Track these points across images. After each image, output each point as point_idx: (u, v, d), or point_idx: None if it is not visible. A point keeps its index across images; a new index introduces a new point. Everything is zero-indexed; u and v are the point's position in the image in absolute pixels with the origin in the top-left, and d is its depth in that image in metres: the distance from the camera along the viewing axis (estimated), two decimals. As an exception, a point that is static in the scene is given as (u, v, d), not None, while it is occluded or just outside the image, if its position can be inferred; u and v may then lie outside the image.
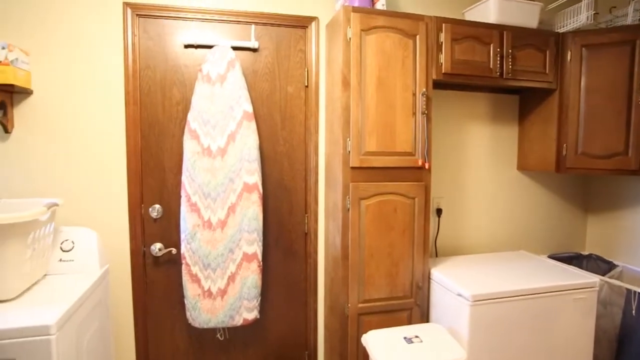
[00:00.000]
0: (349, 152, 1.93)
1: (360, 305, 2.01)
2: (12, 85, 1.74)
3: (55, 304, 1.46)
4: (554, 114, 2.32)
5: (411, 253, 2.06)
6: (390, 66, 1.95)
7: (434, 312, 2.12)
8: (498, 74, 2.13)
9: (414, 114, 1.99)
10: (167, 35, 2.04)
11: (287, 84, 2.19)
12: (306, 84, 2.21)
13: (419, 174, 2.05)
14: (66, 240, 1.82)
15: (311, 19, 2.18)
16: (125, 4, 1.98)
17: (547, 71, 2.23)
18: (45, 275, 1.76)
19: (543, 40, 2.21)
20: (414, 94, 1.99)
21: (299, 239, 2.27)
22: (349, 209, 1.95)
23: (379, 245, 2.00)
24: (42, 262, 1.68)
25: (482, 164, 2.56)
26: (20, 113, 1.92)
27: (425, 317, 2.12)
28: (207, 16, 2.06)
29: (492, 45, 2.11)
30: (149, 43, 2.02)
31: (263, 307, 2.22)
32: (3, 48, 1.71)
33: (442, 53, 2.03)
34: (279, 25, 2.16)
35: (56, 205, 1.68)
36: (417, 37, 1.98)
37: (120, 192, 2.03)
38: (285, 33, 2.17)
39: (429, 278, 2.14)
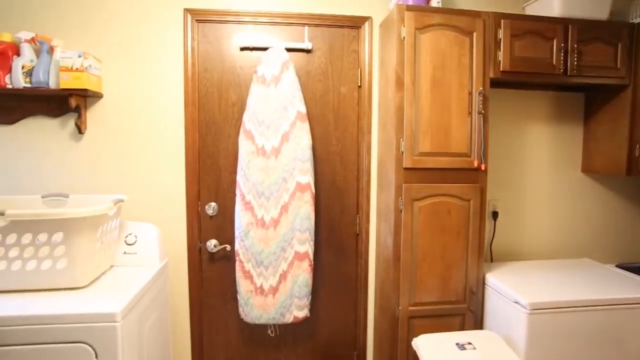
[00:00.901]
0: (402, 152, 1.91)
1: (411, 308, 1.98)
2: (86, 90, 1.87)
3: (120, 293, 1.56)
4: (626, 111, 2.16)
5: (465, 257, 2.00)
6: (446, 65, 1.90)
7: (488, 319, 2.04)
8: (561, 70, 2.01)
9: (470, 113, 1.94)
10: (224, 39, 2.11)
11: (340, 85, 2.20)
12: (359, 84, 2.21)
13: (474, 175, 1.98)
14: (130, 234, 1.94)
15: (364, 18, 2.18)
16: (186, 11, 2.07)
17: (618, 66, 2.09)
18: (112, 266, 1.88)
19: (614, 32, 2.07)
20: (470, 94, 1.93)
21: (350, 239, 2.27)
22: (401, 210, 1.93)
23: (432, 248, 1.96)
24: (108, 254, 1.80)
25: (542, 165, 2.44)
26: (92, 115, 2.06)
27: (478, 324, 2.05)
28: (262, 19, 2.11)
29: (555, 40, 2.00)
30: (207, 47, 2.10)
31: (313, 306, 2.24)
32: (79, 56, 1.84)
33: (500, 50, 1.96)
34: (332, 26, 2.17)
35: (122, 201, 1.79)
36: (474, 34, 1.92)
37: (179, 190, 2.13)
38: (338, 34, 2.18)
39: (484, 283, 2.07)
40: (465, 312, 2.03)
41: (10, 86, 1.87)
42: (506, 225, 2.43)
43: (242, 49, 2.12)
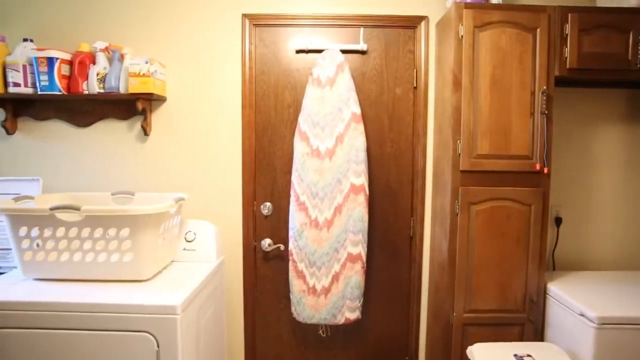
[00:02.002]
0: (459, 154, 1.86)
1: (466, 315, 1.91)
2: (151, 94, 1.99)
3: (180, 287, 1.63)
4: None
5: (525, 264, 1.91)
6: (506, 64, 1.83)
7: (549, 331, 1.94)
8: (638, 66, 1.87)
9: (532, 114, 1.85)
10: (280, 42, 2.16)
11: (395, 86, 2.17)
12: (415, 85, 2.17)
13: (536, 179, 1.89)
14: (190, 231, 2.02)
15: (420, 18, 2.14)
16: (244, 16, 2.14)
17: None
18: (172, 261, 1.97)
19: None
20: (533, 93, 1.84)
21: (403, 242, 2.24)
22: (457, 214, 1.88)
23: (489, 254, 1.89)
24: (170, 250, 1.89)
25: (611, 169, 2.27)
26: (157, 118, 2.18)
27: (539, 336, 1.95)
28: (318, 22, 2.13)
29: (631, 33, 1.85)
30: (264, 50, 2.16)
31: (365, 308, 2.22)
32: (146, 62, 1.96)
33: (567, 46, 1.85)
34: (387, 26, 2.15)
35: (183, 199, 1.87)
36: (538, 30, 1.83)
37: (236, 190, 2.20)
38: (393, 34, 2.16)
39: (545, 293, 1.96)
40: (525, 322, 1.93)
41: (86, 92, 2.02)
42: (570, 232, 2.29)
43: (298, 51, 2.15)
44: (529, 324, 1.93)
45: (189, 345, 1.56)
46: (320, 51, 2.11)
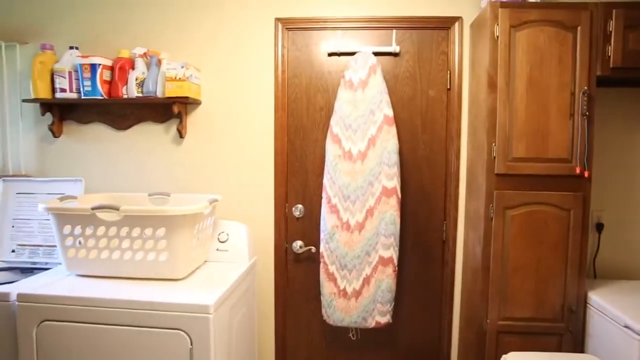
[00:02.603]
0: (494, 157, 1.81)
1: (501, 322, 1.86)
2: (187, 97, 2.04)
3: (213, 287, 1.66)
4: None
5: (563, 271, 1.84)
6: (544, 64, 1.78)
7: (590, 343, 1.86)
8: (687, 65, 1.77)
9: (572, 115, 1.78)
10: (313, 45, 2.17)
11: (428, 88, 2.15)
12: (448, 87, 2.14)
13: (575, 183, 1.82)
14: (222, 232, 2.06)
15: (454, 19, 2.11)
16: (277, 20, 2.16)
17: None
18: (205, 261, 2.01)
19: None
20: (572, 94, 1.78)
21: (436, 246, 2.21)
22: (492, 218, 1.83)
23: (525, 260, 1.84)
24: (203, 250, 1.93)
25: (660, 173, 2.16)
26: (192, 121, 2.24)
27: (579, 347, 1.87)
28: (350, 24, 2.14)
29: (680, 31, 1.76)
30: (296, 54, 2.18)
31: (396, 312, 2.20)
32: (182, 67, 2.02)
33: (610, 44, 1.78)
34: (420, 28, 2.13)
35: (216, 200, 1.91)
36: (578, 28, 1.76)
37: (268, 192, 2.23)
38: (427, 36, 2.14)
39: (585, 302, 1.88)
40: (563, 333, 1.86)
41: (126, 96, 2.09)
42: (613, 239, 2.19)
43: (330, 54, 2.16)
44: (568, 334, 1.86)
45: (221, 345, 1.59)
46: (352, 54, 2.11)
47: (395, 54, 2.14)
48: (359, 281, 2.05)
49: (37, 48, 2.21)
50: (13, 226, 2.11)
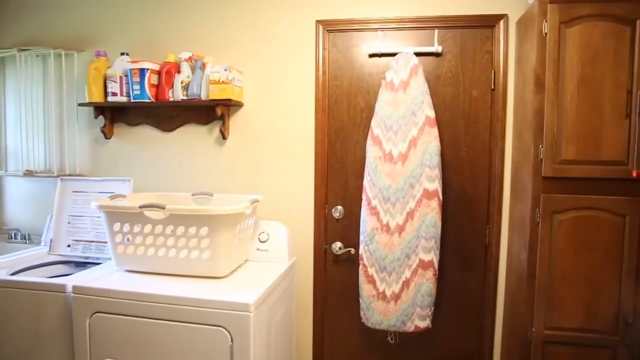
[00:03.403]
0: (541, 160, 1.74)
1: (547, 331, 1.79)
2: (229, 100, 2.09)
3: (254, 286, 1.69)
4: None
5: (617, 280, 1.74)
6: (597, 61, 1.69)
7: (648, 356, 1.75)
8: None
9: (628, 115, 1.69)
10: (353, 47, 2.17)
11: (471, 88, 2.10)
12: (492, 87, 2.08)
13: (632, 187, 1.72)
14: (263, 232, 2.10)
15: (499, 17, 2.05)
16: (318, 22, 2.18)
17: None
18: (246, 260, 2.05)
19: None
20: (629, 92, 1.68)
21: (478, 250, 2.15)
22: (538, 223, 1.76)
23: (574, 267, 1.75)
24: (244, 249, 1.97)
25: None
26: (234, 123, 2.29)
27: (635, 361, 1.77)
28: (391, 25, 2.12)
29: None
30: (337, 55, 2.18)
31: (436, 317, 2.16)
32: (225, 70, 2.07)
33: (673, 39, 1.67)
34: (463, 27, 2.08)
35: (257, 201, 1.95)
36: (638, 22, 1.66)
37: (308, 193, 2.24)
38: (470, 35, 2.08)
39: (643, 313, 1.78)
40: (617, 346, 1.76)
41: (172, 99, 2.17)
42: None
43: (371, 55, 2.15)
44: (623, 348, 1.76)
45: (260, 343, 1.62)
46: (393, 54, 2.09)
47: (437, 54, 2.10)
48: (398, 284, 2.02)
49: (92, 55, 2.34)
50: (69, 222, 2.24)
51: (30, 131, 2.53)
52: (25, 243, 2.55)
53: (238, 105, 2.25)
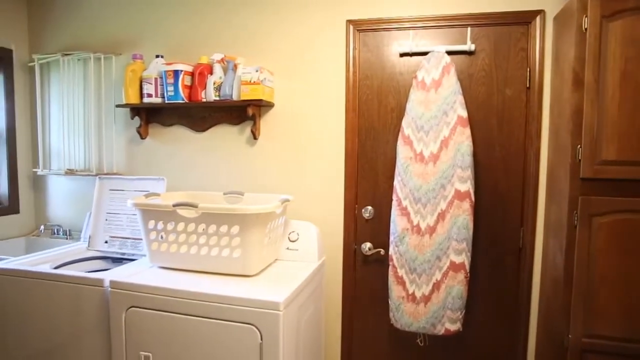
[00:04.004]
0: (580, 160, 1.68)
1: (585, 340, 1.72)
2: (260, 100, 2.12)
3: (283, 285, 1.71)
4: None
5: (662, 287, 1.66)
6: (642, 57, 1.61)
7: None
8: None
9: (676, 114, 1.60)
10: (384, 46, 2.15)
11: (505, 87, 2.04)
12: (527, 86, 2.02)
13: (679, 189, 1.63)
14: (293, 231, 2.11)
15: (535, 13, 1.99)
16: (348, 22, 2.17)
17: None
18: (276, 260, 2.07)
19: None
20: (676, 90, 1.60)
21: (511, 253, 2.09)
22: (576, 226, 1.70)
23: (615, 272, 1.68)
24: (274, 248, 1.99)
25: None
26: (265, 123, 2.32)
27: (683, 374, 1.68)
28: (422, 24, 2.09)
29: None
30: (367, 55, 2.18)
31: (467, 320, 2.12)
32: (256, 71, 2.10)
33: None
34: (497, 24, 2.03)
35: (288, 200, 1.96)
36: (686, 16, 1.58)
37: (338, 193, 2.24)
38: (504, 32, 2.03)
39: (691, 323, 1.68)
40: (663, 357, 1.68)
41: (204, 100, 2.22)
42: None
43: (402, 54, 2.13)
44: (669, 358, 1.68)
45: (289, 341, 1.63)
46: (424, 54, 2.07)
47: (469, 53, 2.06)
48: (428, 286, 2.00)
49: (129, 58, 2.42)
50: (106, 219, 2.32)
51: (72, 132, 2.64)
52: (67, 238, 2.67)
53: (269, 105, 2.27)
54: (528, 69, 2.02)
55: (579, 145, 1.68)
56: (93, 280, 1.79)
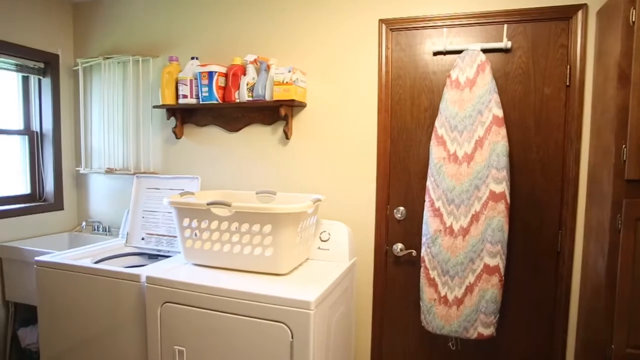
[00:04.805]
0: (624, 161, 1.61)
1: (630, 350, 1.64)
2: (293, 100, 2.13)
3: (314, 284, 1.72)
4: None
5: None
6: (694, 53, 1.53)
7: None
8: None
9: None
10: (417, 45, 2.13)
11: (543, 85, 1.98)
12: (567, 84, 1.95)
13: None
14: (324, 231, 2.12)
15: (577, 7, 1.91)
16: (381, 21, 2.16)
17: None
18: (307, 259, 2.08)
19: None
20: None
21: (549, 257, 2.02)
22: (619, 230, 1.62)
23: (663, 279, 1.60)
24: (305, 247, 2.00)
25: None
26: (297, 123, 2.34)
27: None
28: (456, 22, 2.05)
29: None
30: (400, 54, 2.15)
31: (501, 325, 2.06)
32: (289, 71, 2.12)
33: None
34: (535, 20, 1.97)
35: (319, 200, 1.97)
36: None
37: (370, 193, 2.23)
38: (543, 28, 1.97)
39: None
40: None
41: (238, 100, 2.26)
42: None
43: (435, 53, 2.10)
44: None
45: (319, 340, 1.63)
46: (459, 52, 2.03)
47: (506, 50, 2.01)
48: (461, 289, 1.96)
49: (165, 60, 2.49)
50: (143, 217, 2.39)
51: (111, 132, 2.74)
52: (106, 235, 2.77)
53: (301, 105, 2.29)
54: (568, 66, 1.95)
55: (624, 145, 1.61)
56: (130, 275, 1.85)
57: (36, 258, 2.06)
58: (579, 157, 1.95)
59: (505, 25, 2.00)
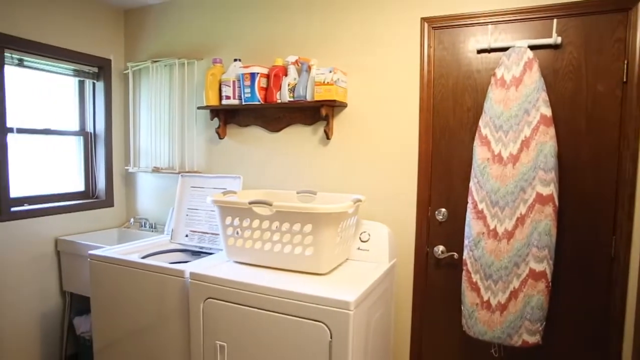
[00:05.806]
0: (687, 163, 1.50)
1: (691, 363, 1.54)
2: (334, 101, 2.14)
3: (354, 285, 1.71)
4: None
5: None
6: None
7: None
8: None
9: None
10: (460, 43, 2.08)
11: (596, 82, 1.88)
12: (624, 80, 1.84)
13: None
14: (364, 232, 2.11)
15: (636, -1, 1.80)
16: (423, 20, 2.13)
17: None
18: (347, 259, 2.08)
19: None
20: None
21: (601, 263, 1.92)
22: (681, 236, 1.52)
23: None
24: (345, 248, 2.00)
25: None
26: (338, 123, 2.34)
27: None
28: (502, 18, 1.99)
29: None
30: (443, 53, 2.11)
31: (547, 333, 1.97)
32: (330, 72, 2.12)
33: None
34: (588, 13, 1.87)
35: (360, 201, 1.96)
36: None
37: (411, 194, 2.20)
38: (596, 22, 1.87)
39: None
40: None
41: (279, 101, 2.29)
42: None
43: (479, 51, 2.04)
44: None
45: (358, 341, 1.63)
46: (504, 49, 1.96)
47: (555, 46, 1.92)
48: (505, 294, 1.89)
49: (209, 62, 2.56)
50: (187, 215, 2.47)
51: (158, 133, 2.85)
52: (152, 231, 2.89)
53: (342, 105, 2.29)
54: (626, 62, 1.84)
55: (685, 146, 1.51)
56: (175, 271, 1.92)
57: (89, 252, 2.17)
58: (636, 158, 1.84)
59: (555, 20, 1.91)
